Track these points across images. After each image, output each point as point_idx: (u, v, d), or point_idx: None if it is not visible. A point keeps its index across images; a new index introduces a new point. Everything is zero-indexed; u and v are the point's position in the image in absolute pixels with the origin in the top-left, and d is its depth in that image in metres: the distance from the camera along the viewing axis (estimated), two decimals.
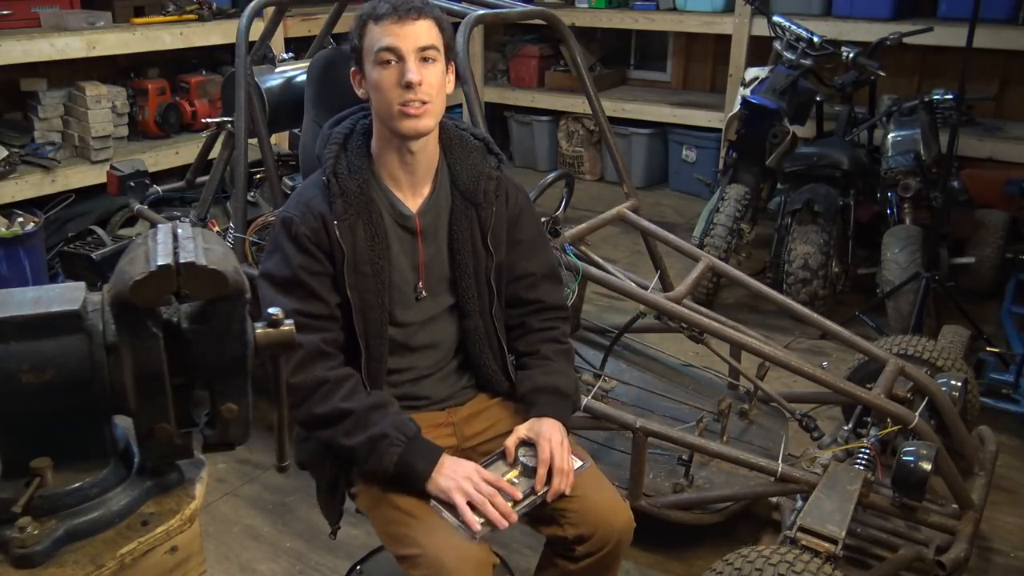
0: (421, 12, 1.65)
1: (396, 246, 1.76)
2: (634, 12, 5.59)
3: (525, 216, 1.87)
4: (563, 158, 6.15)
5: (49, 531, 1.02)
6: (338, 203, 1.69)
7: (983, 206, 4.08)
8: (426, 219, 1.77)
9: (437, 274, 1.80)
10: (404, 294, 1.78)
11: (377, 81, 1.66)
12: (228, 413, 1.07)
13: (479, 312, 1.82)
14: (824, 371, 2.35)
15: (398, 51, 1.63)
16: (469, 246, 1.78)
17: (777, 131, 4.08)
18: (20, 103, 4.21)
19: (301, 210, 1.70)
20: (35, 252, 3.66)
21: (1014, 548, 2.53)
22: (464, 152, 1.80)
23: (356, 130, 1.78)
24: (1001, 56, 4.67)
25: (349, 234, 1.69)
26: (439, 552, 1.57)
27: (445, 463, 1.64)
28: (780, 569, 1.73)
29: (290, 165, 3.11)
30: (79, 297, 1.02)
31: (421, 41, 1.64)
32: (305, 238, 1.68)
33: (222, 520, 2.64)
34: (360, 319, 1.72)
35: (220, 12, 4.54)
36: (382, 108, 1.67)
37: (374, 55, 1.65)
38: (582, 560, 1.71)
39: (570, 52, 2.96)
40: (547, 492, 1.66)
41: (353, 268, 1.69)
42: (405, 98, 1.64)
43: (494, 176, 1.81)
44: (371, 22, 1.66)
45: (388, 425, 1.64)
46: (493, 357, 1.85)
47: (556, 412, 1.75)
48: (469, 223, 1.78)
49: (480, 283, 1.80)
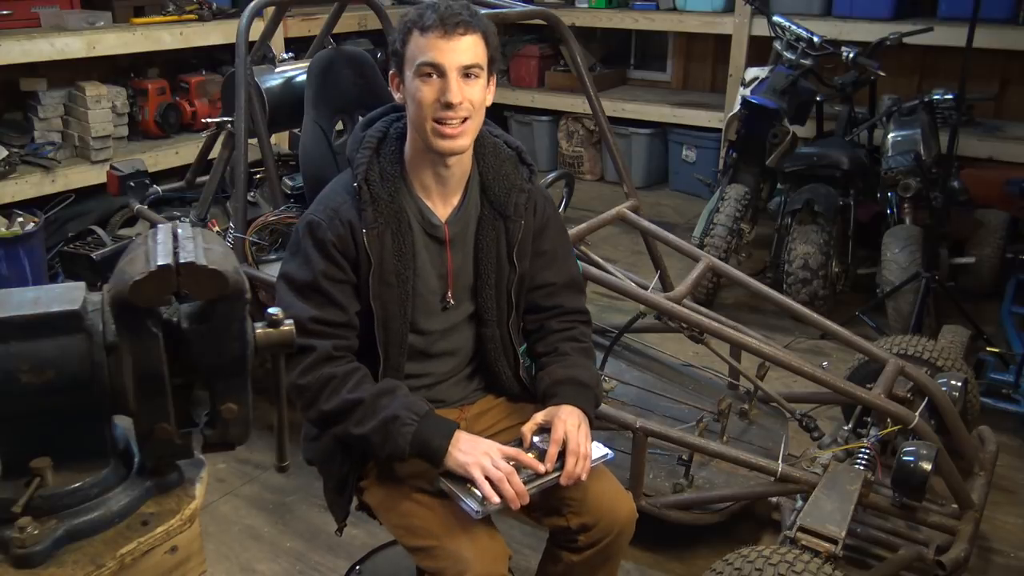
0: (468, 26, 1.60)
1: (423, 255, 1.73)
2: (634, 12, 5.59)
3: (551, 226, 1.85)
4: (563, 158, 6.15)
5: (49, 531, 1.02)
6: (368, 211, 1.66)
7: (983, 206, 4.08)
8: (455, 228, 1.75)
9: (463, 283, 1.79)
10: (428, 303, 1.76)
11: (416, 93, 1.62)
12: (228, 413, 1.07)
13: (497, 322, 1.81)
14: (824, 371, 2.35)
15: (440, 67, 1.60)
16: (494, 258, 1.76)
17: (777, 131, 4.08)
18: (20, 103, 4.21)
19: (328, 215, 1.67)
20: (35, 252, 3.66)
21: (1014, 548, 2.53)
22: (497, 162, 1.77)
23: (390, 134, 1.73)
24: (1001, 56, 4.66)
25: (377, 243, 1.66)
26: (457, 544, 1.57)
27: (461, 438, 1.62)
28: (780, 569, 1.73)
29: (290, 165, 3.11)
30: (79, 297, 1.02)
31: (465, 59, 1.60)
32: (331, 244, 1.65)
33: (222, 520, 2.64)
34: (382, 329, 1.70)
35: (220, 12, 4.54)
36: (418, 121, 1.64)
37: (416, 67, 1.61)
38: (585, 551, 1.71)
39: (570, 52, 2.96)
40: (560, 475, 1.62)
41: (379, 278, 1.67)
42: (443, 115, 1.61)
43: (526, 189, 1.78)
44: (416, 31, 1.61)
45: (399, 407, 1.62)
46: (508, 364, 1.85)
47: (576, 400, 1.72)
48: (496, 235, 1.76)
49: (500, 294, 1.79)
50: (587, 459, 1.64)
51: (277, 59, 3.16)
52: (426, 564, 1.62)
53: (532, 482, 1.61)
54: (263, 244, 2.83)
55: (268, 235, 2.84)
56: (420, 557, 1.63)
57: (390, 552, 2.39)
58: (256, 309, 1.62)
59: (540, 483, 1.62)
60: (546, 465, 1.62)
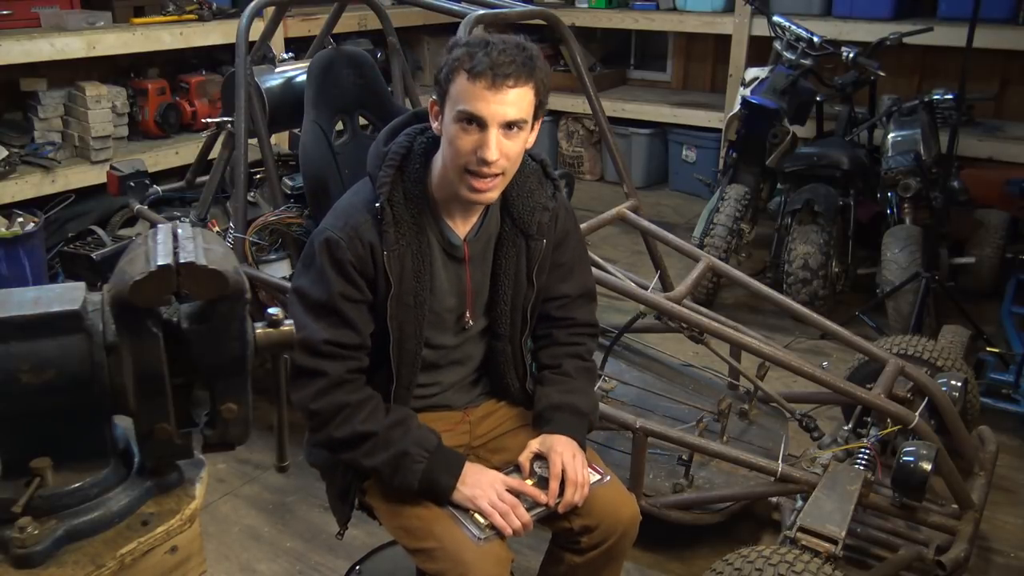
0: (519, 78, 1.50)
1: (441, 274, 1.69)
2: (634, 12, 5.59)
3: (570, 238, 1.81)
4: (563, 158, 6.15)
5: (49, 531, 1.02)
6: (391, 233, 1.60)
7: (983, 206, 4.08)
8: (475, 247, 1.71)
9: (480, 300, 1.77)
10: (444, 320, 1.73)
11: (454, 139, 1.54)
12: (228, 413, 1.07)
13: (508, 337, 1.79)
14: (824, 371, 2.35)
15: (482, 121, 1.51)
16: (512, 275, 1.73)
17: (777, 131, 4.08)
18: (20, 103, 4.20)
19: (349, 235, 1.60)
20: (35, 252, 3.66)
21: (1014, 548, 2.53)
22: (521, 177, 1.70)
23: (414, 150, 1.65)
24: (1001, 56, 4.66)
25: (397, 264, 1.62)
26: (459, 546, 1.57)
27: (468, 473, 1.64)
28: (780, 569, 1.73)
29: (290, 165, 3.11)
30: (79, 297, 1.02)
31: (510, 115, 1.51)
32: (350, 265, 1.60)
33: (222, 520, 2.64)
34: (396, 349, 1.68)
35: (220, 12, 4.53)
36: (452, 164, 1.57)
37: (456, 111, 1.52)
38: (588, 552, 1.71)
39: (570, 52, 2.96)
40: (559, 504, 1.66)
41: (398, 299, 1.63)
42: (477, 168, 1.54)
43: (550, 208, 1.73)
44: (464, 73, 1.50)
45: (409, 443, 1.62)
46: (516, 376, 1.85)
47: (570, 430, 1.72)
48: (516, 253, 1.72)
49: (516, 311, 1.76)
50: (585, 487, 1.67)
51: (277, 59, 3.16)
52: (427, 566, 1.62)
53: (534, 510, 1.65)
54: (263, 244, 2.82)
55: (268, 235, 2.84)
56: (421, 559, 1.63)
57: (390, 552, 2.39)
58: (256, 309, 1.62)
59: (540, 511, 1.66)
60: (548, 498, 1.66)
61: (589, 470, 1.70)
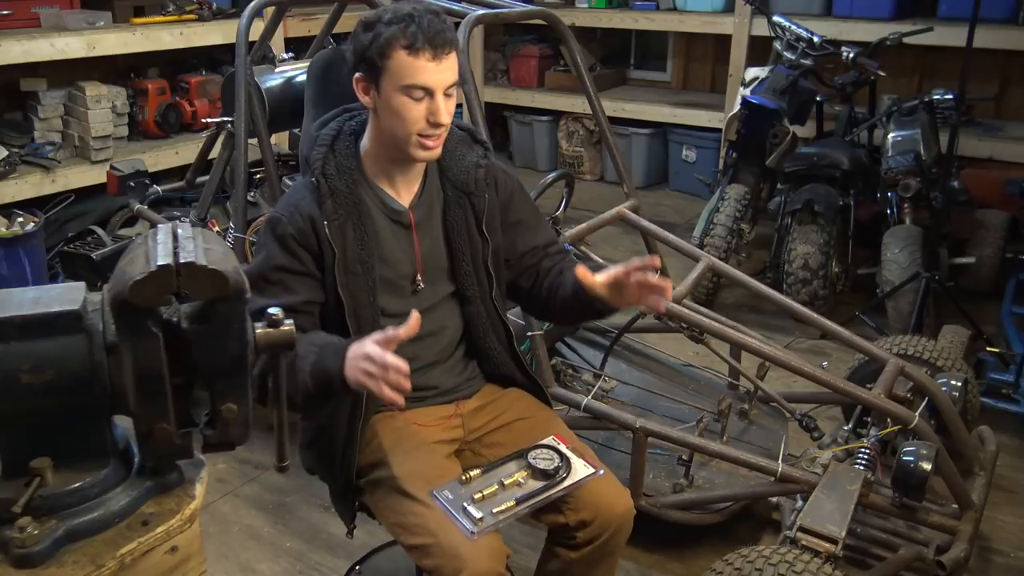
0: (450, 44, 1.65)
1: (390, 242, 1.77)
2: (634, 12, 5.59)
3: (517, 197, 1.91)
4: (563, 158, 6.15)
5: (49, 531, 1.02)
6: (327, 204, 1.70)
7: (983, 206, 4.07)
8: (419, 212, 1.80)
9: (435, 265, 1.82)
10: (398, 287, 1.79)
11: (401, 110, 1.65)
12: (228, 413, 1.07)
13: (480, 298, 1.84)
14: (824, 371, 2.35)
15: (431, 90, 1.64)
16: (465, 234, 1.81)
17: (777, 131, 4.08)
18: (20, 103, 4.21)
19: (289, 211, 1.71)
20: (35, 252, 3.66)
21: (1014, 548, 2.53)
22: (451, 143, 1.82)
23: (343, 131, 1.79)
24: (1001, 56, 4.66)
25: (339, 234, 1.70)
26: (454, 541, 1.57)
27: (349, 352, 1.54)
28: (780, 569, 1.73)
29: (290, 165, 3.11)
30: (79, 297, 1.02)
31: (451, 79, 1.67)
32: (291, 238, 1.69)
33: (222, 520, 2.64)
34: (353, 318, 1.72)
35: (220, 12, 4.54)
36: (400, 134, 1.68)
37: (402, 86, 1.64)
38: (583, 547, 1.72)
39: (570, 52, 2.96)
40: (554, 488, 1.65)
41: (344, 268, 1.71)
42: (428, 132, 1.67)
43: (483, 164, 1.84)
44: (402, 51, 1.62)
45: (301, 348, 1.57)
46: (498, 339, 1.88)
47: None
48: (463, 212, 1.81)
49: (478, 269, 1.83)
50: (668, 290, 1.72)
51: (277, 59, 3.16)
52: (423, 562, 1.62)
53: (524, 502, 1.62)
54: None
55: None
56: (417, 555, 1.63)
57: (390, 552, 2.39)
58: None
59: (531, 503, 1.63)
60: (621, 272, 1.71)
61: (582, 463, 1.72)
